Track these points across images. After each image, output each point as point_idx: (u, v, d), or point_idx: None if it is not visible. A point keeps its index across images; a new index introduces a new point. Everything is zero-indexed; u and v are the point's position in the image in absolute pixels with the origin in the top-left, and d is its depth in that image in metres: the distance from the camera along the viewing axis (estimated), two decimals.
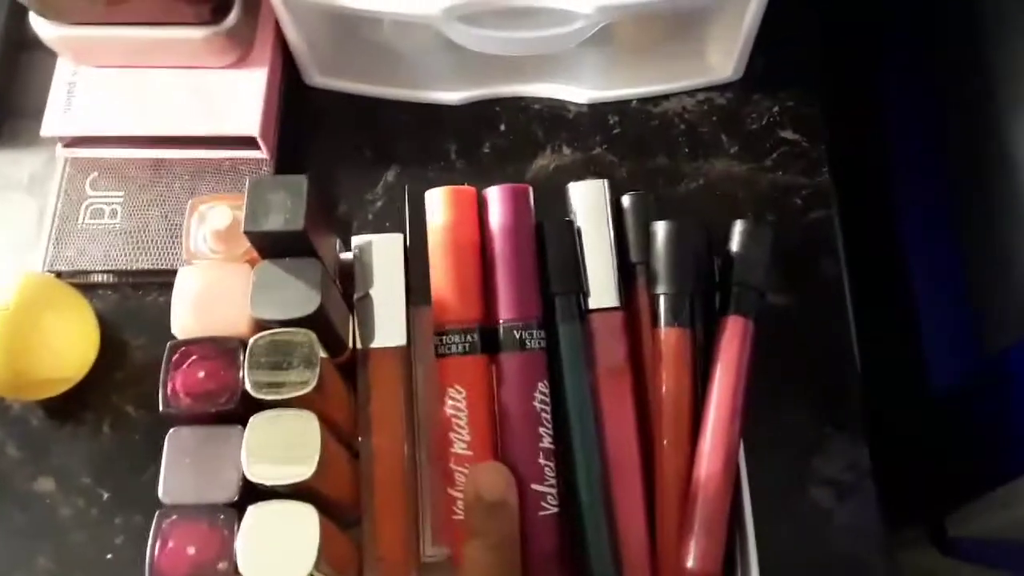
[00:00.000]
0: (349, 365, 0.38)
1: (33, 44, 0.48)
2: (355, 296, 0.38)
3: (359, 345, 0.38)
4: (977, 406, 0.51)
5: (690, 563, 0.34)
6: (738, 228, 0.38)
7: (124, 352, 0.44)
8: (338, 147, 0.49)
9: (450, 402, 0.35)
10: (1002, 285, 0.49)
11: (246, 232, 0.33)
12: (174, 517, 0.30)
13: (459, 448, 0.35)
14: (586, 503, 0.35)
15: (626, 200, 0.39)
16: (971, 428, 0.52)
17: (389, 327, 0.38)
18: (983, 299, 0.51)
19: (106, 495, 0.41)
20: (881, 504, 0.41)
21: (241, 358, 0.32)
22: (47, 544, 0.41)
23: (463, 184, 0.39)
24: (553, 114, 0.49)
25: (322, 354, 0.32)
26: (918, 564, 0.60)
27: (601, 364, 0.37)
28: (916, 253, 0.55)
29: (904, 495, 0.56)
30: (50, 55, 0.46)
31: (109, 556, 0.40)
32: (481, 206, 0.39)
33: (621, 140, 0.48)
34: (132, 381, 0.43)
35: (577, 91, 0.49)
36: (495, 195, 0.38)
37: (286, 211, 0.32)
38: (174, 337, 0.33)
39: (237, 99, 0.45)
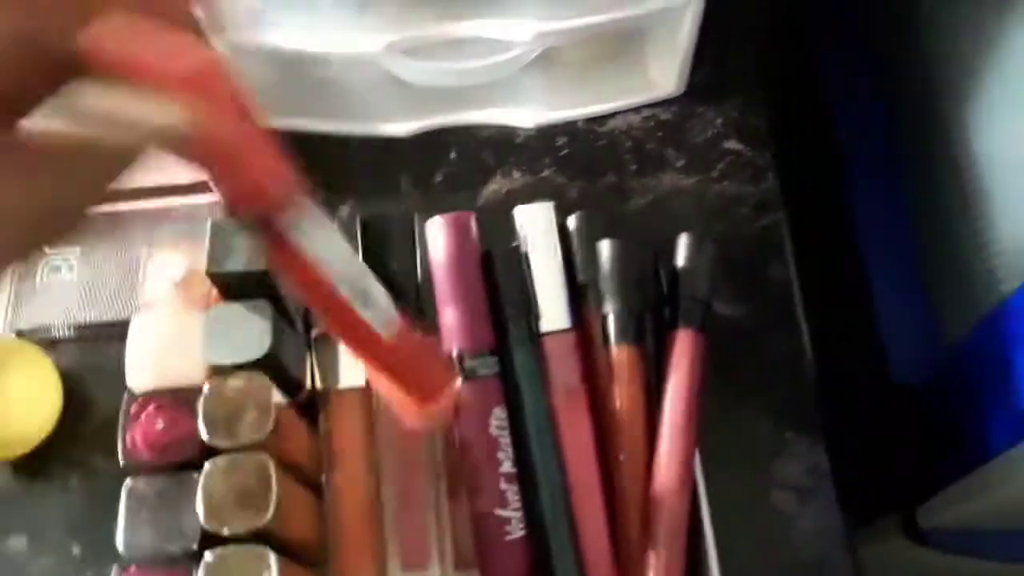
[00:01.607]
0: (309, 403, 0.38)
1: None
2: (312, 334, 0.39)
3: (319, 384, 0.38)
4: (939, 397, 0.52)
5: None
6: (682, 242, 0.39)
7: (89, 405, 0.44)
8: None
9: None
10: (955, 277, 0.50)
11: (208, 273, 0.33)
12: (133, 570, 0.30)
13: None
14: (551, 525, 0.36)
15: (572, 221, 0.40)
16: (935, 419, 0.53)
17: (349, 365, 0.38)
18: (938, 292, 0.52)
19: (77, 550, 0.41)
20: (846, 502, 0.42)
21: (198, 406, 0.32)
22: None
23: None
24: (502, 139, 0.50)
25: (277, 397, 0.33)
26: (892, 555, 0.60)
27: (556, 385, 0.38)
28: (871, 251, 0.56)
29: (875, 487, 0.57)
30: None
31: None
32: (423, 236, 0.39)
33: (570, 161, 0.49)
34: (98, 434, 0.43)
35: (524, 115, 0.50)
36: (437, 225, 0.38)
37: (248, 252, 0.33)
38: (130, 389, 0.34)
39: None
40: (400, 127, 0.50)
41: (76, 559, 0.41)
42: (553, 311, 0.39)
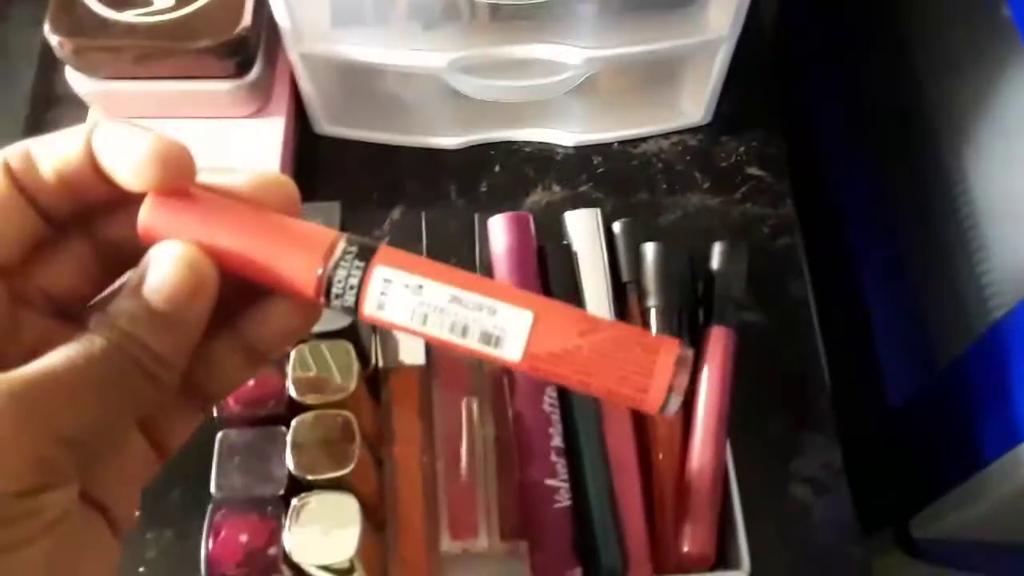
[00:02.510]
0: (372, 380, 0.41)
1: (61, 100, 0.52)
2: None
3: (381, 363, 0.42)
4: (932, 415, 0.56)
5: (686, 547, 0.38)
6: (717, 249, 0.43)
7: None
8: (346, 190, 0.53)
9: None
10: (949, 303, 0.54)
11: None
12: (225, 510, 0.33)
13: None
14: (594, 496, 0.39)
15: (617, 226, 0.44)
16: (928, 435, 0.56)
17: (409, 347, 0.41)
18: (932, 316, 0.56)
19: (137, 513, 0.44)
20: (853, 500, 0.45)
21: (286, 367, 0.35)
22: None
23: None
24: (543, 156, 0.54)
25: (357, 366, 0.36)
26: (889, 571, 0.64)
27: None
28: (870, 279, 0.60)
29: (871, 502, 0.61)
30: (76, 111, 0.50)
31: (141, 569, 0.43)
32: (482, 234, 0.43)
33: (605, 178, 0.53)
34: None
35: (564, 135, 0.54)
36: (499, 222, 0.42)
37: None
38: None
39: (257, 147, 0.49)
40: (450, 140, 0.54)
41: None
42: (597, 306, 0.42)
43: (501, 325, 0.20)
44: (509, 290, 0.20)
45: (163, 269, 0.19)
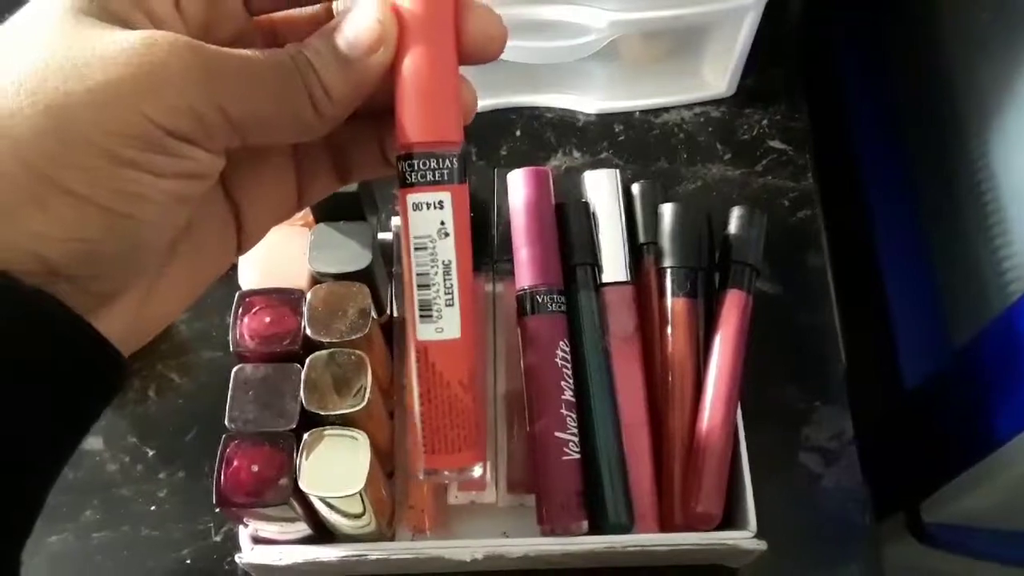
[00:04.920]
0: (386, 330, 0.41)
1: None
2: (394, 269, 0.42)
3: (395, 314, 0.42)
4: (945, 397, 0.55)
5: (695, 505, 0.38)
6: (735, 213, 0.43)
7: (169, 326, 0.47)
8: None
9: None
10: (964, 283, 0.54)
11: None
12: (238, 441, 0.33)
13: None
14: (603, 453, 0.39)
15: (636, 187, 0.44)
16: (941, 417, 0.56)
17: None
18: (949, 296, 0.56)
19: (151, 453, 0.44)
20: (864, 471, 0.45)
21: (303, 306, 0.35)
22: (94, 498, 0.43)
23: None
24: (564, 122, 0.54)
25: (372, 310, 0.36)
26: (898, 558, 0.63)
27: (613, 332, 0.41)
28: (888, 257, 0.60)
29: (883, 485, 0.60)
30: None
31: (153, 508, 0.43)
32: (500, 189, 0.43)
33: (626, 146, 0.53)
34: (176, 352, 0.47)
35: (586, 102, 0.54)
36: (519, 176, 0.42)
37: None
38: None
39: None
40: None
41: (149, 460, 0.44)
42: (614, 265, 0.42)
43: (442, 313, 0.23)
44: (471, 310, 0.23)
45: (358, 20, 0.21)
